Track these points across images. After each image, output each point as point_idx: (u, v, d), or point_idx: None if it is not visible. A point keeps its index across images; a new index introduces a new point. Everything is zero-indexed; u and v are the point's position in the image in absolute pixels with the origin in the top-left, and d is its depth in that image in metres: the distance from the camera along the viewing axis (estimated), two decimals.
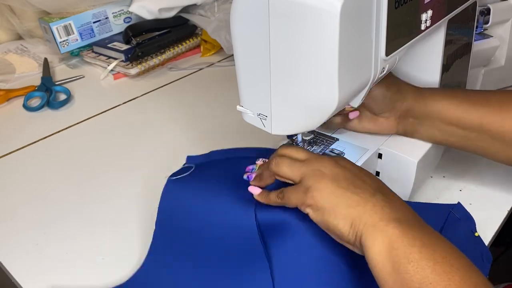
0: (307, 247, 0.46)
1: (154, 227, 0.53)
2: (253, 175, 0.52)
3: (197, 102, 0.85)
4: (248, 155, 0.58)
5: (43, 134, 0.77)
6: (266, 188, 0.50)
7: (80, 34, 0.97)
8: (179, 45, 1.00)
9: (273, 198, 0.47)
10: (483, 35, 0.76)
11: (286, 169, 0.46)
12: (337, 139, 0.58)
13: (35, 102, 0.87)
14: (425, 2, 0.47)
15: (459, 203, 0.56)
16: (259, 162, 0.54)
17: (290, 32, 0.41)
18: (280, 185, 0.48)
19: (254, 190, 0.49)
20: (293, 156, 0.47)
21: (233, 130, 0.75)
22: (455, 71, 0.63)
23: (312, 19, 0.39)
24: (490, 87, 0.81)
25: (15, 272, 0.52)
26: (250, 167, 0.54)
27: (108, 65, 0.94)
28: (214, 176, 0.55)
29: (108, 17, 1.00)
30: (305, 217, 0.45)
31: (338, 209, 0.41)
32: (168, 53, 0.98)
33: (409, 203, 0.55)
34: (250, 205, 0.49)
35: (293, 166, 0.46)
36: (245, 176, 0.53)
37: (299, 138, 0.55)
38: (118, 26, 1.02)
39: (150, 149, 0.73)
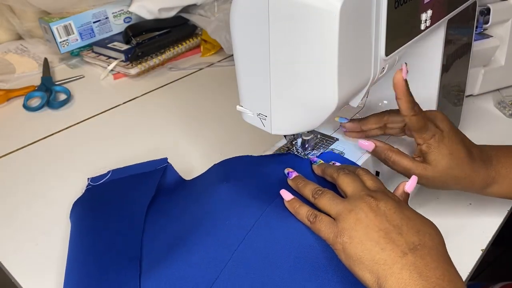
0: None
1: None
2: (294, 175, 0.49)
3: (197, 102, 0.85)
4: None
5: (43, 134, 0.77)
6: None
7: (80, 34, 0.97)
8: (179, 45, 1.00)
9: (302, 214, 0.45)
10: (483, 35, 0.76)
11: (325, 202, 0.44)
12: (337, 139, 0.58)
13: (35, 102, 0.87)
14: (424, 2, 0.47)
15: None
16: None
17: (290, 32, 0.41)
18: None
19: (286, 195, 0.47)
20: (349, 183, 0.45)
21: (233, 130, 0.75)
22: (455, 71, 0.63)
23: (311, 19, 0.39)
24: (490, 87, 0.81)
25: (15, 272, 0.53)
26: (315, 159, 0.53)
27: (108, 65, 0.94)
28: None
29: (108, 17, 1.00)
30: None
31: (364, 261, 0.39)
32: (168, 53, 0.98)
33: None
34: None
35: (333, 202, 0.44)
36: (286, 171, 0.50)
37: (299, 138, 0.55)
38: (118, 26, 1.02)
39: (150, 149, 0.72)
